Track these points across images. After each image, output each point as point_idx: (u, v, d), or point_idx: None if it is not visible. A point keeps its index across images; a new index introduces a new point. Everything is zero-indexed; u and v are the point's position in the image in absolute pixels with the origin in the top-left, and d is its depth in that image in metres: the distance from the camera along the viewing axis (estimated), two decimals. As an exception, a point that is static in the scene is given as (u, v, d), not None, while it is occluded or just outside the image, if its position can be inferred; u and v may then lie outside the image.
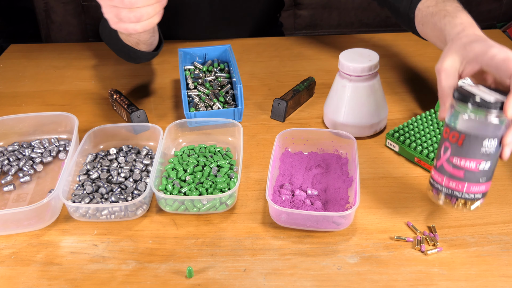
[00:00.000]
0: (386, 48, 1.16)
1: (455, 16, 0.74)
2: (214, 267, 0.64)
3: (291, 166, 0.79)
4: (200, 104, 0.91)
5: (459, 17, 0.73)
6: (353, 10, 2.05)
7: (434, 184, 0.65)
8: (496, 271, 0.62)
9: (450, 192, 0.63)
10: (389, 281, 0.61)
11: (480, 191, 0.62)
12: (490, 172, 0.61)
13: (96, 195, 0.73)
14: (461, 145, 0.60)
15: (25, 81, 1.08)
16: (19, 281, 0.63)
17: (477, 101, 0.58)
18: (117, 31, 0.89)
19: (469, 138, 0.59)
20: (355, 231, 0.68)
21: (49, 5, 1.95)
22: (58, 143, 0.85)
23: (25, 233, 0.70)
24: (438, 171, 0.63)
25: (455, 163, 0.61)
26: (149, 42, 0.90)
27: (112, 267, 0.64)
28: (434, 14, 0.79)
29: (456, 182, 0.62)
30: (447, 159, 0.62)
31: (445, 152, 0.62)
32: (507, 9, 2.07)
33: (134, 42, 0.88)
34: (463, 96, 0.59)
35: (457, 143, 0.60)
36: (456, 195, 0.62)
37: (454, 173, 0.61)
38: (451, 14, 0.75)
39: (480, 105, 0.57)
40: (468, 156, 0.60)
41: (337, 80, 0.85)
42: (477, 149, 0.59)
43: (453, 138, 0.60)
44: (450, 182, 0.62)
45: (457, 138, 0.60)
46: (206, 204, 0.70)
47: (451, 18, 0.74)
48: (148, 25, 0.72)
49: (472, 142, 0.59)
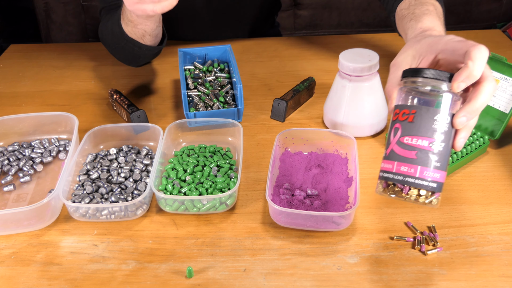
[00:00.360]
0: (386, 48, 1.16)
1: (418, 21, 0.74)
2: (214, 267, 0.64)
3: (291, 166, 0.79)
4: (200, 104, 0.91)
5: (422, 21, 0.73)
6: (353, 10, 2.05)
7: (383, 175, 0.59)
8: (496, 271, 0.62)
9: (402, 178, 0.57)
10: (389, 281, 0.61)
11: (435, 179, 0.57)
12: (443, 157, 0.57)
13: (96, 195, 0.73)
14: (413, 121, 0.57)
15: (25, 81, 1.08)
16: (19, 281, 0.63)
17: (427, 73, 0.57)
18: (121, 27, 0.89)
19: (420, 111, 0.57)
20: (355, 231, 0.68)
21: (49, 5, 1.95)
22: (58, 143, 0.85)
23: (25, 233, 0.70)
24: (388, 158, 0.58)
25: (407, 142, 0.57)
26: (155, 33, 0.90)
27: (112, 267, 0.64)
28: (404, 17, 0.79)
29: (408, 166, 0.57)
30: (397, 141, 0.58)
31: (395, 135, 0.58)
32: (507, 9, 2.07)
33: (140, 34, 0.88)
34: (413, 71, 0.58)
35: (407, 120, 0.57)
36: (408, 181, 0.57)
37: (405, 155, 0.57)
38: (416, 18, 0.75)
39: (430, 75, 0.57)
40: (420, 133, 0.56)
41: (337, 80, 0.85)
42: (429, 123, 0.56)
43: (403, 116, 0.58)
44: (401, 166, 0.57)
45: (408, 114, 0.57)
46: (206, 204, 0.70)
47: (414, 22, 0.74)
48: (168, 6, 0.73)
49: (423, 115, 0.56)
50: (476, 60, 0.54)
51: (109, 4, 1.01)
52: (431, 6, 0.78)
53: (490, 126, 0.83)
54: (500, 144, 0.84)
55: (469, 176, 0.77)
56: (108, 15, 0.99)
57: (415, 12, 0.77)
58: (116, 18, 0.91)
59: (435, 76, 0.57)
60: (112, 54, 1.01)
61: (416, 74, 0.58)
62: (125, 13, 0.87)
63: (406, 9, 0.81)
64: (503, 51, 1.12)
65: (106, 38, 0.98)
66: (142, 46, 0.92)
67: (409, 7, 0.80)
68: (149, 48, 0.93)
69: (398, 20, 0.83)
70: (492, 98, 0.83)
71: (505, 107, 0.81)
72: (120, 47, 0.95)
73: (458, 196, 0.74)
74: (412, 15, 0.77)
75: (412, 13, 0.77)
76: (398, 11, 0.84)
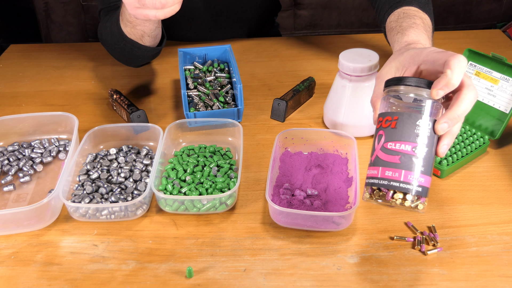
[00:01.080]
0: (386, 48, 1.16)
1: (404, 34, 0.75)
2: (214, 267, 0.64)
3: (291, 166, 0.79)
4: (200, 104, 0.91)
5: (407, 35, 0.74)
6: (353, 10, 2.05)
7: (369, 181, 0.60)
8: (496, 271, 0.62)
9: (387, 183, 0.57)
10: (389, 281, 0.61)
11: (420, 183, 0.57)
12: (427, 162, 0.58)
13: (96, 195, 0.73)
14: (395, 127, 0.58)
15: (25, 81, 1.08)
16: (19, 281, 0.63)
17: (408, 81, 0.59)
18: (120, 28, 0.89)
19: (402, 117, 0.58)
20: (355, 231, 0.68)
21: (49, 5, 1.95)
22: (58, 143, 0.85)
23: (25, 233, 0.70)
24: (373, 165, 0.59)
25: (390, 147, 0.58)
26: (154, 34, 0.90)
27: (112, 267, 0.64)
28: (392, 30, 0.80)
29: (393, 170, 0.57)
30: (381, 147, 0.59)
31: (379, 141, 0.59)
32: (507, 9, 2.07)
33: (139, 35, 0.89)
34: (394, 80, 0.60)
35: (390, 127, 0.59)
36: (393, 185, 0.57)
37: (389, 160, 0.58)
38: (403, 31, 0.76)
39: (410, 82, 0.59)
40: (402, 138, 0.58)
41: (337, 80, 0.85)
42: (411, 129, 0.58)
43: (386, 123, 0.59)
44: (386, 171, 0.58)
45: (391, 121, 0.59)
46: (206, 204, 0.70)
47: (400, 35, 0.76)
48: (170, 13, 0.73)
49: (405, 121, 0.58)
50: (455, 69, 0.56)
51: (108, 5, 1.01)
52: (419, 20, 0.79)
53: (490, 126, 0.83)
54: (500, 144, 0.84)
55: (469, 176, 0.77)
56: (107, 16, 0.99)
57: (402, 25, 0.78)
58: (115, 18, 0.91)
59: (415, 83, 0.59)
60: (112, 54, 1.01)
61: (398, 83, 0.60)
62: (124, 14, 0.87)
63: (394, 22, 0.82)
64: (503, 51, 1.12)
65: (105, 38, 0.98)
66: (141, 47, 0.92)
67: (398, 19, 0.81)
68: (148, 49, 0.93)
69: (387, 31, 0.84)
70: (492, 98, 0.83)
71: (505, 107, 0.81)
72: (119, 48, 0.95)
73: (458, 196, 0.74)
74: (399, 27, 0.78)
75: (400, 26, 0.79)
76: (388, 23, 0.85)
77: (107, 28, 0.96)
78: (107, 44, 0.99)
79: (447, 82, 0.56)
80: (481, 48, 0.88)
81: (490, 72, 0.83)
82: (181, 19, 1.15)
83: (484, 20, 2.08)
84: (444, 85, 0.57)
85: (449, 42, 1.18)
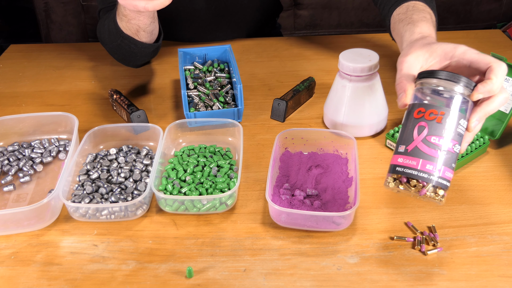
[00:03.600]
0: (386, 48, 1.16)
1: (416, 25, 0.76)
2: (214, 267, 0.64)
3: (291, 166, 0.79)
4: (200, 104, 0.91)
5: (420, 27, 0.75)
6: (353, 10, 2.05)
7: (404, 170, 0.59)
8: (496, 271, 0.62)
9: (427, 176, 0.58)
10: (389, 281, 0.61)
11: (450, 178, 0.60)
12: (454, 159, 0.60)
13: (96, 195, 0.73)
14: (441, 122, 0.59)
15: (25, 81, 1.08)
16: (19, 281, 0.63)
17: (462, 80, 0.59)
18: (116, 23, 0.89)
19: (449, 114, 0.59)
20: (355, 231, 0.68)
21: (49, 5, 1.95)
22: (58, 143, 0.85)
23: (25, 233, 0.70)
24: (411, 155, 0.59)
25: (433, 142, 0.58)
26: (149, 29, 0.90)
27: (112, 267, 0.64)
28: (401, 21, 0.81)
29: (433, 165, 0.58)
30: (423, 139, 0.59)
31: (419, 132, 0.59)
32: (507, 9, 2.07)
33: (135, 30, 0.89)
34: (449, 76, 0.60)
35: (435, 120, 0.59)
36: (432, 179, 0.58)
37: (431, 154, 0.58)
38: (414, 22, 0.77)
39: (462, 81, 0.59)
40: (447, 134, 0.59)
41: (337, 80, 0.85)
42: (454, 126, 0.59)
43: (430, 115, 0.59)
44: (427, 165, 0.58)
45: (436, 115, 0.59)
46: (206, 204, 0.70)
47: (412, 25, 0.76)
48: (160, 5, 0.74)
49: (452, 118, 0.59)
50: (499, 76, 0.58)
51: (108, 5, 1.01)
52: (428, 14, 0.81)
53: (490, 126, 0.83)
54: (500, 144, 0.84)
55: (469, 176, 0.77)
56: (106, 15, 0.99)
57: (412, 17, 0.79)
58: (112, 15, 0.92)
59: (468, 84, 0.60)
60: (110, 53, 1.01)
61: (453, 79, 0.60)
62: (120, 7, 0.87)
63: (403, 14, 0.83)
64: (503, 51, 1.12)
65: (103, 36, 0.98)
66: (138, 43, 0.92)
67: (407, 12, 0.82)
68: (145, 45, 0.93)
69: (394, 23, 0.84)
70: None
71: (505, 107, 0.81)
72: (117, 45, 0.95)
73: (458, 196, 0.74)
74: (409, 19, 0.79)
75: (410, 17, 0.79)
76: (395, 15, 0.85)
77: (105, 26, 0.96)
78: (105, 42, 0.99)
79: (490, 89, 0.58)
80: (481, 48, 0.87)
81: (490, 72, 0.83)
82: (182, 20, 1.15)
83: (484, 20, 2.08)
84: (487, 91, 0.58)
85: (449, 42, 1.18)
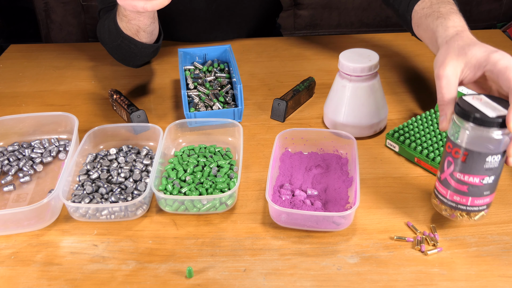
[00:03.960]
0: (386, 48, 1.16)
1: (448, 18, 0.73)
2: (214, 267, 0.64)
3: (291, 166, 0.79)
4: (200, 104, 0.91)
5: (452, 20, 0.72)
6: (353, 10, 2.05)
7: (438, 195, 0.65)
8: (496, 271, 0.62)
9: (455, 205, 0.63)
10: (389, 281, 0.61)
11: (485, 203, 0.63)
12: (494, 184, 0.62)
13: (96, 195, 0.73)
14: (465, 161, 0.59)
15: (25, 81, 1.08)
16: (19, 281, 0.63)
17: (478, 118, 0.56)
18: (116, 24, 0.89)
19: (472, 155, 0.58)
20: (355, 231, 0.68)
21: (49, 5, 1.95)
22: (58, 143, 0.85)
23: (25, 233, 0.70)
24: (442, 184, 0.64)
25: (459, 178, 0.61)
26: (149, 29, 0.90)
27: (112, 267, 0.64)
28: (428, 16, 0.78)
29: (460, 196, 0.62)
30: (450, 173, 0.62)
31: (448, 167, 0.62)
32: (507, 9, 2.07)
33: (135, 30, 0.89)
34: (464, 112, 0.57)
35: (460, 159, 0.60)
36: (460, 208, 0.63)
37: (458, 188, 0.62)
38: (444, 15, 0.74)
39: (481, 122, 0.56)
40: (471, 172, 0.60)
41: (337, 80, 0.85)
42: (480, 165, 0.59)
43: (456, 154, 0.60)
44: (454, 196, 0.63)
45: (460, 154, 0.60)
46: (206, 204, 0.70)
47: (443, 19, 0.73)
48: (159, 5, 0.73)
49: (475, 158, 0.59)
50: None
51: (108, 5, 1.01)
52: (454, 6, 0.78)
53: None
54: (500, 144, 0.84)
55: (469, 176, 0.77)
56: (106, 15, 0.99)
57: (440, 11, 0.76)
58: (113, 16, 0.92)
59: (498, 126, 0.56)
60: (110, 53, 1.01)
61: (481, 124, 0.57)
62: (120, 8, 0.87)
63: (428, 8, 0.79)
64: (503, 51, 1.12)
65: (103, 36, 0.98)
66: (138, 44, 0.92)
67: (432, 5, 0.79)
68: (145, 45, 0.93)
69: (420, 18, 0.81)
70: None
71: (505, 107, 0.81)
72: (117, 45, 0.95)
73: (458, 196, 0.74)
74: (438, 13, 0.76)
75: (438, 11, 0.76)
76: (418, 10, 0.82)
77: (105, 26, 0.96)
78: (105, 42, 0.99)
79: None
80: (481, 48, 0.88)
81: (490, 72, 0.83)
82: (182, 20, 1.15)
83: (484, 20, 2.08)
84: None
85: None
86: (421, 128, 0.84)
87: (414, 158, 0.80)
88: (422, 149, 0.79)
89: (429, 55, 1.13)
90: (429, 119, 0.86)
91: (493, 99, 0.59)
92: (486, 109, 0.57)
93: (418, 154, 0.79)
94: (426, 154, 0.78)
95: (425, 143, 0.80)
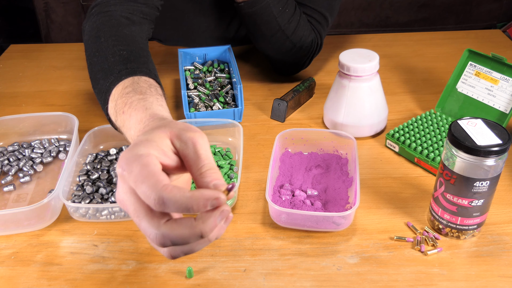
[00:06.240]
0: (386, 48, 1.16)
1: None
2: (214, 267, 0.64)
3: (291, 167, 0.79)
4: (200, 104, 0.91)
5: None
6: (353, 10, 2.05)
7: (432, 212, 0.67)
8: (496, 271, 0.62)
9: (445, 223, 0.65)
10: (389, 281, 0.61)
11: (475, 223, 0.64)
12: (484, 206, 0.63)
13: (96, 195, 0.73)
14: (454, 184, 0.61)
15: (25, 81, 1.08)
16: (19, 281, 0.63)
17: (468, 147, 0.58)
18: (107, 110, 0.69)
19: (461, 179, 0.60)
20: (355, 231, 0.68)
21: (49, 5, 1.95)
22: (58, 143, 0.85)
23: (25, 233, 0.70)
24: (435, 201, 0.66)
25: (449, 198, 0.63)
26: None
27: (112, 267, 0.64)
28: None
29: (450, 215, 0.64)
30: (441, 193, 0.64)
31: (440, 186, 0.64)
32: (507, 9, 2.07)
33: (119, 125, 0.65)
34: (454, 139, 0.59)
35: (449, 181, 0.62)
36: (450, 225, 0.65)
37: (448, 207, 0.64)
38: None
39: (469, 151, 0.58)
40: (460, 195, 0.62)
41: (337, 80, 0.85)
42: (468, 188, 0.61)
43: (446, 175, 0.62)
44: (445, 214, 0.65)
45: (450, 177, 0.62)
46: (206, 204, 0.70)
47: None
48: None
49: (463, 183, 0.60)
50: None
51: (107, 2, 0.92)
52: None
53: (490, 126, 0.83)
54: (500, 144, 0.84)
55: (469, 176, 0.77)
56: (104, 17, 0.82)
57: None
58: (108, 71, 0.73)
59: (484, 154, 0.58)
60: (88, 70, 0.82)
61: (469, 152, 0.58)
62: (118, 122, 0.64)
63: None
64: (503, 51, 1.12)
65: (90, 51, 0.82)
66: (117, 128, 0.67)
67: None
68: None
69: None
70: (492, 98, 0.83)
71: (505, 107, 0.81)
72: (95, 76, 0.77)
73: (458, 196, 0.74)
74: None
75: None
76: None
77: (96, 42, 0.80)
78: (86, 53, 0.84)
79: None
80: (481, 48, 0.88)
81: (490, 72, 0.83)
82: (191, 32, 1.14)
83: (484, 20, 2.08)
84: None
85: (449, 42, 1.18)
86: (421, 129, 0.84)
87: (414, 158, 0.80)
88: (422, 149, 0.79)
89: (429, 55, 1.13)
90: (429, 119, 0.86)
91: (489, 125, 0.61)
92: (477, 137, 0.59)
93: (418, 154, 0.79)
94: (426, 154, 0.78)
95: (425, 143, 0.80)
